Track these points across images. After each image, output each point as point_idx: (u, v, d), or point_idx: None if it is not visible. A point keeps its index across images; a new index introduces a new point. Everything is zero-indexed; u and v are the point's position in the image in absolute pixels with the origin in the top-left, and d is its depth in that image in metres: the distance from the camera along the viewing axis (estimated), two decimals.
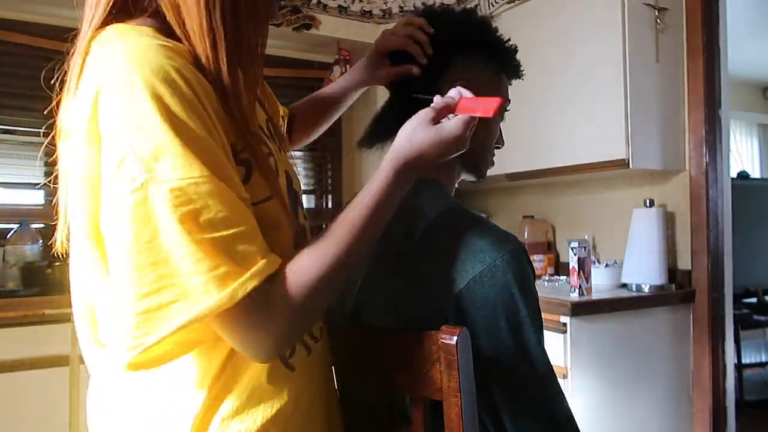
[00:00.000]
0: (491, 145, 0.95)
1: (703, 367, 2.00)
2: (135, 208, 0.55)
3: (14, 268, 2.28)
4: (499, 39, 0.94)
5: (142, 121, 0.55)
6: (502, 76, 0.94)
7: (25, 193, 2.61)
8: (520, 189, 2.78)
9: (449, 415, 0.68)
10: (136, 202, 0.55)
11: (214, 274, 0.55)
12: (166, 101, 0.55)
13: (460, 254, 0.75)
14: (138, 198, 0.55)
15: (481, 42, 0.92)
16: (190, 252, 0.55)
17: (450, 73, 0.89)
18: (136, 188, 0.55)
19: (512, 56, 0.96)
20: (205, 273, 0.55)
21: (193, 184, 0.55)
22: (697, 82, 2.03)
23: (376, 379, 0.81)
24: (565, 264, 2.50)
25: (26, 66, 2.56)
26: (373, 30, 2.95)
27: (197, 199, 0.55)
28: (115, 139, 0.56)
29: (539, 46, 2.24)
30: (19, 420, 1.94)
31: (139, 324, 0.56)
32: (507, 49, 0.95)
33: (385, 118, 0.94)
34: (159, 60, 0.57)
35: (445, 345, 0.67)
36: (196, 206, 0.55)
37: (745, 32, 3.69)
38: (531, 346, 0.74)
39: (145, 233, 0.55)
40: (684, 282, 2.05)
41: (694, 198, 2.04)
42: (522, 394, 0.75)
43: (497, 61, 0.93)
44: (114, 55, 0.58)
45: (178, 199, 0.55)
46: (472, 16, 0.92)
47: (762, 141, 5.29)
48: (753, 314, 3.30)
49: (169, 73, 0.56)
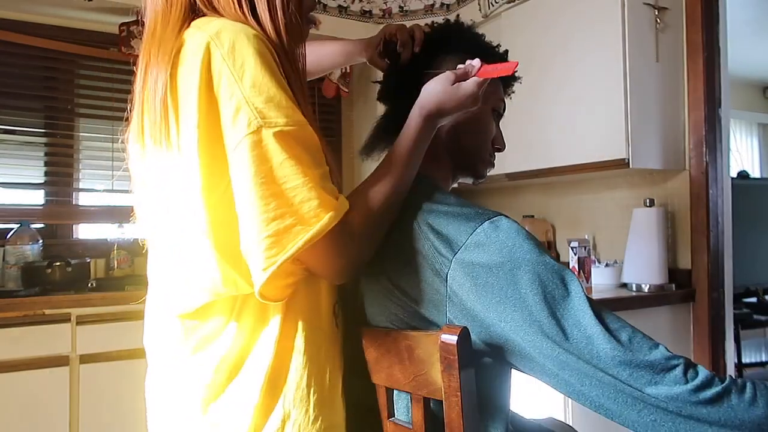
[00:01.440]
0: (484, 144, 0.95)
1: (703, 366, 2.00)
2: (251, 149, 0.66)
3: (14, 268, 2.29)
4: (489, 43, 0.97)
5: (253, 76, 0.67)
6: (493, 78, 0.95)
7: (25, 193, 2.62)
8: (520, 189, 2.78)
9: (449, 415, 0.68)
10: (252, 143, 0.66)
11: (320, 202, 0.67)
12: (269, 59, 0.68)
13: (446, 229, 0.76)
14: (254, 140, 0.66)
15: (470, 44, 0.94)
16: (302, 184, 0.67)
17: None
18: (252, 131, 0.66)
19: (502, 57, 0.98)
20: (314, 200, 0.67)
21: (298, 129, 0.68)
22: (697, 81, 2.03)
23: (376, 378, 0.81)
24: (565, 264, 2.50)
25: (26, 66, 2.56)
26: (373, 30, 2.94)
27: (301, 141, 0.68)
28: (232, 93, 0.66)
29: (539, 46, 2.24)
30: (19, 420, 1.94)
31: (270, 245, 0.66)
32: (496, 51, 0.97)
33: (384, 128, 0.97)
34: (250, 30, 0.70)
35: (445, 344, 0.67)
36: (301, 147, 0.68)
37: (745, 32, 3.69)
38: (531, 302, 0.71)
39: (263, 169, 0.66)
40: (684, 282, 2.05)
41: (694, 198, 2.03)
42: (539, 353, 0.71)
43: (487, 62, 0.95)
44: (214, 30, 0.69)
45: (287, 141, 0.66)
46: (461, 24, 0.98)
47: (762, 141, 5.29)
48: (753, 314, 3.30)
49: (262, 39, 0.70)
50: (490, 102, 0.94)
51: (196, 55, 0.67)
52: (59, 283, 2.28)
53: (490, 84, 0.94)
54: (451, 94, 0.82)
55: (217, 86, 0.67)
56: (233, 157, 0.67)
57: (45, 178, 2.61)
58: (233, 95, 0.66)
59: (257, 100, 0.66)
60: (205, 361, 0.73)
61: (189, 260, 0.72)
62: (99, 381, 2.05)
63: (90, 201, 2.71)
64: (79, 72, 2.67)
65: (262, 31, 0.73)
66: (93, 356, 2.06)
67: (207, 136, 0.67)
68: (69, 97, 2.65)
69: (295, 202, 0.66)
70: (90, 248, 2.61)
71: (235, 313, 0.73)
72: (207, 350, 0.73)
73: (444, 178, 0.94)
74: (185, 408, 0.74)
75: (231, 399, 0.72)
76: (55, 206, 2.63)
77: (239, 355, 0.73)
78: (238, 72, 0.66)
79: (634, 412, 0.67)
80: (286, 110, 0.67)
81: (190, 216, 0.70)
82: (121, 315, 2.08)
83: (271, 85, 0.67)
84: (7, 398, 1.93)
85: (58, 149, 2.64)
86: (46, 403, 1.99)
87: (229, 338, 0.73)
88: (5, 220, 2.44)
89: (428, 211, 0.80)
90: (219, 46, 0.67)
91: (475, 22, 2.62)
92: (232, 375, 0.73)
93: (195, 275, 0.72)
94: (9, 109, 2.51)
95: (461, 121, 0.92)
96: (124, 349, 2.06)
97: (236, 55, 0.67)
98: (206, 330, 0.74)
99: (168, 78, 0.69)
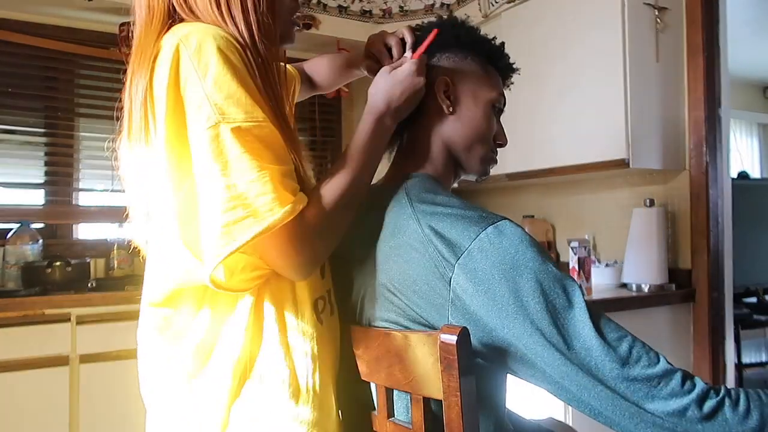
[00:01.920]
0: (483, 139, 0.94)
1: (703, 366, 2.00)
2: (210, 142, 0.69)
3: (14, 268, 2.29)
4: (484, 36, 0.97)
5: (215, 75, 0.70)
6: (491, 72, 0.96)
7: (25, 193, 2.62)
8: (520, 189, 2.78)
9: (449, 415, 0.68)
10: (211, 137, 0.69)
11: (275, 196, 0.69)
12: (232, 60, 0.71)
13: (450, 232, 0.76)
14: (212, 134, 0.69)
15: (465, 38, 0.94)
16: (257, 178, 0.69)
17: (435, 69, 0.92)
18: (210, 126, 0.69)
19: (499, 50, 0.97)
20: (269, 194, 0.69)
21: (256, 126, 0.70)
22: (697, 81, 2.03)
23: (376, 378, 0.81)
24: (565, 264, 2.50)
25: (26, 66, 2.56)
26: (373, 30, 2.94)
27: (261, 137, 0.70)
28: (195, 90, 0.70)
29: (539, 46, 2.24)
30: (19, 420, 1.94)
31: (221, 235, 0.69)
32: (492, 44, 0.97)
33: None
34: (219, 32, 0.73)
35: (445, 344, 0.67)
36: (260, 143, 0.70)
37: (745, 32, 3.69)
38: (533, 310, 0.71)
39: (219, 162, 0.69)
40: (684, 282, 2.05)
41: (694, 198, 2.03)
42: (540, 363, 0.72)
43: (483, 56, 0.95)
44: (184, 33, 0.72)
45: (244, 137, 0.69)
46: (456, 19, 0.97)
47: (762, 141, 5.29)
48: (753, 314, 3.30)
49: (229, 40, 0.73)
50: (486, 97, 0.93)
51: (168, 57, 0.71)
52: (59, 283, 2.28)
53: (488, 79, 0.94)
54: (392, 82, 0.85)
55: (183, 85, 0.71)
56: (194, 151, 0.70)
57: (45, 178, 2.61)
58: (196, 93, 0.70)
59: (218, 96, 0.69)
60: (183, 348, 0.77)
61: (163, 251, 0.76)
62: (99, 381, 2.05)
63: (90, 201, 2.71)
64: (79, 72, 2.67)
65: (237, 32, 0.76)
66: (93, 356, 2.06)
67: (175, 132, 0.71)
68: (69, 97, 2.65)
69: (250, 196, 0.69)
70: (90, 248, 2.61)
71: (206, 301, 0.77)
72: (183, 337, 0.77)
73: (445, 176, 0.93)
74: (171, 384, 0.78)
75: (205, 383, 0.76)
76: (55, 206, 2.63)
77: (210, 342, 0.76)
78: (202, 71, 0.70)
79: (632, 425, 0.68)
80: (245, 107, 0.70)
81: (163, 208, 0.74)
82: (121, 315, 2.08)
83: (232, 83, 0.70)
84: (7, 398, 1.93)
85: (58, 149, 2.64)
86: (46, 403, 1.99)
87: (201, 326, 0.76)
88: (5, 220, 2.44)
89: (431, 213, 0.79)
90: (187, 47, 0.71)
91: (470, 16, 2.62)
92: (205, 361, 0.76)
93: (167, 265, 0.76)
94: (9, 108, 2.51)
95: (461, 118, 0.92)
96: (124, 349, 2.06)
97: (201, 55, 0.70)
98: (180, 318, 0.77)
99: (147, 83, 0.73)
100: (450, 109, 0.91)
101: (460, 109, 0.92)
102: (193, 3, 0.78)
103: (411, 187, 0.86)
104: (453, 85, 0.91)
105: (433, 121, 0.92)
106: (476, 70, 0.94)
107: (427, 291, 0.76)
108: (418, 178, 0.88)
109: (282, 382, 0.76)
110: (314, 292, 0.82)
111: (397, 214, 0.82)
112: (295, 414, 0.75)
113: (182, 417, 0.76)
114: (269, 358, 0.76)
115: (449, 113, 0.91)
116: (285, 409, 0.75)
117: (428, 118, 0.92)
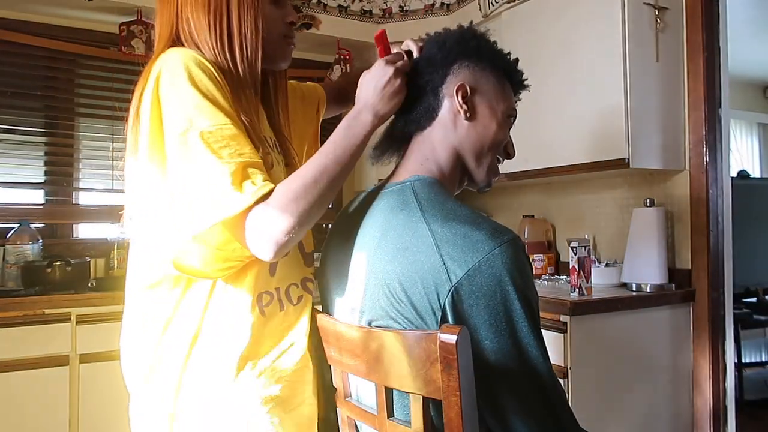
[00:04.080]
0: (495, 148, 0.95)
1: (703, 366, 2.00)
2: (180, 147, 0.80)
3: (14, 268, 2.29)
4: (502, 50, 0.98)
5: (181, 91, 0.82)
6: (506, 85, 0.97)
7: (25, 192, 2.62)
8: (520, 189, 2.78)
9: (449, 414, 0.69)
10: (180, 143, 0.80)
11: (237, 187, 0.78)
12: (196, 77, 0.83)
13: (458, 245, 0.76)
14: (182, 140, 0.80)
15: (486, 50, 0.95)
16: (220, 172, 0.78)
17: (452, 76, 0.92)
18: (180, 133, 0.80)
19: (514, 65, 0.98)
20: (231, 185, 0.78)
21: (219, 128, 0.81)
22: (697, 81, 2.03)
23: (375, 378, 0.81)
24: (565, 263, 2.50)
25: (26, 66, 2.57)
26: (373, 29, 2.95)
27: (223, 137, 0.81)
28: (168, 103, 0.83)
29: (539, 46, 2.24)
30: (19, 420, 1.95)
31: (190, 223, 0.80)
32: (509, 59, 0.98)
33: (392, 134, 0.97)
34: (193, 54, 0.86)
35: (445, 344, 0.67)
36: (223, 142, 0.80)
37: (745, 32, 3.69)
38: (524, 336, 0.75)
39: (188, 162, 0.80)
40: (684, 282, 2.05)
41: (694, 198, 2.04)
42: (517, 387, 0.75)
43: (501, 68, 0.96)
44: (168, 55, 0.86)
45: (210, 138, 0.80)
46: (477, 30, 0.97)
47: (762, 141, 5.29)
48: (753, 314, 3.31)
49: (201, 60, 0.85)
50: (503, 107, 0.94)
51: (153, 78, 0.85)
52: (59, 282, 2.28)
53: (503, 91, 0.95)
54: (365, 82, 0.91)
55: (162, 98, 0.83)
56: (168, 155, 0.82)
57: (45, 178, 2.61)
58: (170, 103, 0.83)
59: (186, 108, 0.81)
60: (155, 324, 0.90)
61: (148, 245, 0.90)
62: (99, 380, 2.05)
63: (90, 200, 2.71)
64: (79, 72, 2.67)
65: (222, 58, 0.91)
66: (93, 356, 2.06)
67: (155, 138, 0.84)
68: (69, 96, 2.65)
69: (215, 188, 0.79)
70: (90, 248, 2.61)
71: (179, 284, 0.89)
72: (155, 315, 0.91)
73: (451, 182, 0.94)
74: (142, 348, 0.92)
75: (165, 351, 0.90)
76: (55, 206, 2.63)
77: (171, 317, 0.90)
78: (175, 86, 0.83)
79: None
80: (209, 114, 0.81)
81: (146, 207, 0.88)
82: (120, 314, 2.07)
83: (196, 96, 0.82)
84: (7, 398, 1.93)
85: (58, 149, 2.64)
86: (46, 402, 1.99)
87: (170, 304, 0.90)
88: (5, 220, 2.44)
89: (443, 221, 0.79)
90: (166, 69, 0.84)
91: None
92: (164, 331, 0.90)
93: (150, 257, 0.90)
94: (9, 108, 2.51)
95: (477, 126, 0.92)
96: None
97: (174, 73, 0.83)
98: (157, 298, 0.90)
99: (139, 97, 0.87)
100: (467, 115, 0.91)
101: (477, 117, 0.92)
102: (194, 33, 0.91)
103: (419, 190, 0.86)
104: (472, 93, 0.92)
105: (446, 125, 0.92)
106: (494, 82, 0.95)
107: (425, 296, 0.77)
108: (426, 181, 0.88)
109: (215, 357, 0.89)
110: (258, 287, 0.91)
111: (407, 216, 0.82)
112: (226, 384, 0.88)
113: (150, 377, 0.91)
114: (209, 336, 0.89)
115: (466, 119, 0.91)
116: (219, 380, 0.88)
117: (442, 123, 0.92)
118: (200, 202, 0.79)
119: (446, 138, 0.92)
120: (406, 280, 0.78)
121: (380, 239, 0.84)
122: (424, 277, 0.76)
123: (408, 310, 0.78)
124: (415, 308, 0.77)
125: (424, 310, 0.77)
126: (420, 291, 0.77)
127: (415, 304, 0.77)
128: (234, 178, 0.78)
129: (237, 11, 0.91)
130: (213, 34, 0.90)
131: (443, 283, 0.75)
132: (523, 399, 0.75)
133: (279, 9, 0.97)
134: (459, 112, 0.91)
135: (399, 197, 0.86)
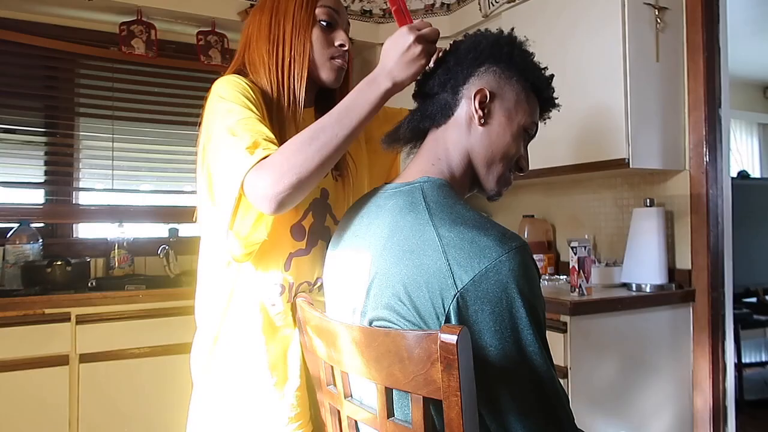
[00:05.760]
0: (506, 158, 0.94)
1: (702, 366, 2.00)
2: (218, 141, 0.95)
3: (14, 268, 2.29)
4: (537, 63, 0.96)
5: (221, 100, 0.99)
6: (531, 98, 0.95)
7: (25, 192, 2.62)
8: (520, 189, 2.78)
9: (449, 414, 0.68)
10: (217, 134, 0.95)
11: (248, 153, 0.89)
12: (234, 91, 0.99)
13: (466, 250, 0.75)
14: (218, 132, 0.95)
15: (518, 59, 0.93)
16: (238, 146, 0.90)
17: (476, 78, 0.91)
18: (218, 128, 0.95)
19: (547, 81, 0.97)
20: (245, 151, 0.89)
21: (241, 121, 0.94)
22: (697, 81, 2.04)
23: (375, 378, 0.81)
24: (565, 263, 2.50)
25: (26, 66, 2.56)
26: (373, 29, 2.94)
27: (243, 124, 0.93)
28: (211, 111, 1.00)
29: (539, 46, 2.22)
30: (19, 420, 1.95)
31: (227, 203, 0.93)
32: (542, 73, 0.96)
33: (408, 123, 0.96)
34: (235, 78, 1.03)
35: (445, 344, 0.67)
36: (245, 128, 0.93)
37: (745, 32, 3.69)
38: (529, 344, 0.74)
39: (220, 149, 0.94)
40: (684, 282, 2.05)
41: (694, 198, 2.04)
42: (521, 394, 0.75)
43: (529, 81, 0.94)
44: (219, 79, 1.04)
45: (231, 128, 0.93)
46: (515, 37, 0.97)
47: (762, 140, 5.29)
48: (753, 314, 3.31)
49: (237, 80, 1.02)
50: (521, 121, 0.93)
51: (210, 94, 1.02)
52: (59, 282, 2.28)
53: (526, 103, 0.94)
54: (384, 51, 0.92)
55: (208, 110, 1.00)
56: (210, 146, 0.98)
57: (45, 178, 2.61)
58: (212, 112, 0.99)
59: (222, 111, 0.97)
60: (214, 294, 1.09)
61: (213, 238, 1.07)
62: (99, 380, 2.05)
63: (90, 200, 2.71)
64: (79, 71, 2.67)
65: (267, 85, 1.06)
66: (93, 355, 2.06)
67: (202, 149, 1.01)
68: (69, 96, 2.65)
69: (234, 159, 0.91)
70: (90, 247, 2.62)
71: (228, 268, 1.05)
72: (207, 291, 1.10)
73: (461, 186, 0.93)
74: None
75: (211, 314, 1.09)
76: (55, 205, 2.63)
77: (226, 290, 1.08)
78: (218, 99, 0.99)
79: None
80: (237, 112, 0.95)
81: (208, 205, 1.02)
82: (121, 314, 2.08)
83: (231, 103, 0.97)
84: (7, 398, 1.93)
85: (58, 149, 2.64)
86: (46, 402, 1.99)
87: (226, 277, 1.07)
88: (5, 220, 2.44)
89: (451, 225, 0.79)
90: (215, 87, 1.01)
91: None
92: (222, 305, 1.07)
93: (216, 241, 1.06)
94: (9, 108, 2.51)
95: (490, 133, 0.91)
96: (124, 348, 2.06)
97: (218, 90, 1.00)
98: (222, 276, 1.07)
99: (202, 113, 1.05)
100: (481, 120, 0.90)
101: (491, 124, 0.91)
102: (255, 59, 1.07)
103: (429, 192, 0.85)
104: (491, 99, 0.91)
105: (461, 127, 0.91)
106: (518, 93, 0.93)
107: (429, 300, 0.76)
108: (436, 183, 0.88)
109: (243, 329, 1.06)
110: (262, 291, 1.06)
111: (415, 219, 0.82)
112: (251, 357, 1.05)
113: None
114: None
115: (480, 124, 0.91)
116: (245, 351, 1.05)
117: (457, 123, 0.92)
118: (225, 176, 0.91)
119: (460, 140, 0.91)
120: (411, 283, 0.78)
121: (387, 240, 0.83)
122: (429, 281, 0.76)
123: (411, 313, 0.78)
124: (419, 312, 0.77)
125: (428, 315, 0.76)
126: (424, 295, 0.76)
127: (418, 308, 0.77)
128: (249, 151, 0.89)
129: (290, 37, 1.05)
130: (270, 60, 1.05)
131: (449, 288, 0.74)
132: (525, 407, 0.75)
133: (329, 33, 1.08)
134: (474, 116, 0.90)
135: (408, 198, 0.86)
